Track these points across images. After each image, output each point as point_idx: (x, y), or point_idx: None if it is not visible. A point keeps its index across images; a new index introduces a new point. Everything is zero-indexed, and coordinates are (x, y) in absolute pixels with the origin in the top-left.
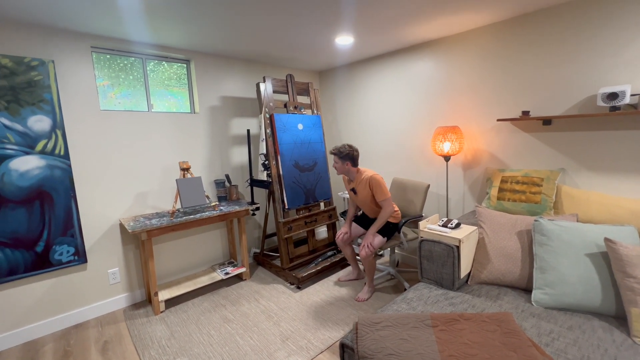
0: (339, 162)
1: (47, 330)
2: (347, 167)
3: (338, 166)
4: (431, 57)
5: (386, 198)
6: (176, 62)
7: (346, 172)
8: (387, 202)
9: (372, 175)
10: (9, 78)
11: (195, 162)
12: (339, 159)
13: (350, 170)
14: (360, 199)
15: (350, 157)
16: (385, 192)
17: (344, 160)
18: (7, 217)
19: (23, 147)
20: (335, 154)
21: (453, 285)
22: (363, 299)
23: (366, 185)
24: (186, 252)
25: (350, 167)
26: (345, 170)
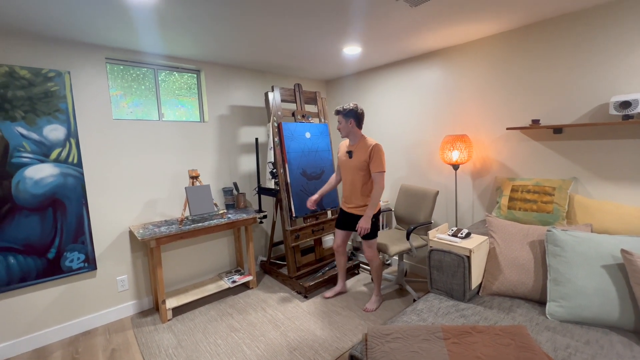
0: (342, 121)
1: (56, 337)
2: (350, 126)
3: (342, 126)
4: (439, 65)
5: (381, 171)
6: (187, 72)
7: (349, 133)
8: (381, 176)
9: (377, 144)
10: (27, 89)
11: (204, 170)
12: (342, 118)
13: (354, 130)
14: (351, 165)
15: (354, 114)
16: (383, 164)
17: (348, 117)
18: (21, 224)
19: (38, 156)
20: (340, 112)
21: (464, 296)
22: (371, 309)
23: (367, 150)
24: (193, 260)
25: (354, 126)
26: (349, 130)
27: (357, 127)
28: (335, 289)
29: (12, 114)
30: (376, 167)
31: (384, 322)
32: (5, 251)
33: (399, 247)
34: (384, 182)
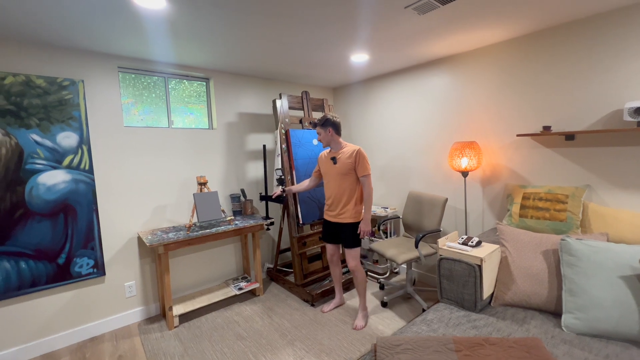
0: (321, 131)
1: (65, 342)
2: (330, 134)
3: (322, 136)
4: (447, 72)
5: (368, 174)
6: (196, 81)
7: (330, 141)
8: (369, 178)
9: (360, 148)
10: (42, 97)
11: (212, 177)
12: (321, 128)
13: (334, 138)
14: (337, 171)
15: (332, 123)
16: (368, 167)
17: (326, 127)
18: (33, 229)
19: (51, 162)
20: (317, 124)
21: (475, 306)
22: (361, 327)
23: (351, 155)
24: (200, 266)
25: (334, 134)
26: (329, 139)
27: (336, 135)
28: (334, 301)
29: (28, 122)
30: (363, 171)
31: (393, 332)
32: (17, 256)
33: (408, 255)
34: (371, 185)
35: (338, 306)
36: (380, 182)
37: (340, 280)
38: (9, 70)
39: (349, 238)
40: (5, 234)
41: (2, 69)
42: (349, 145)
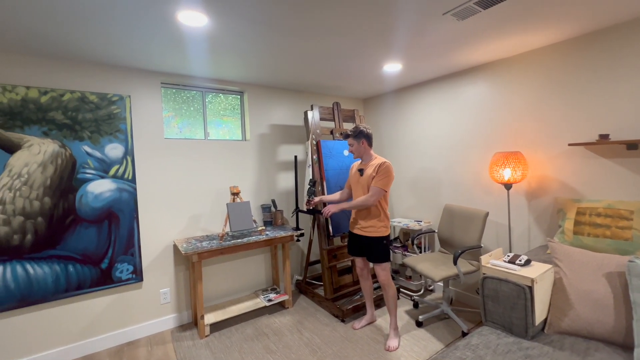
0: (354, 142)
1: (104, 345)
2: (363, 146)
3: (354, 148)
4: (487, 80)
5: (380, 188)
6: (231, 94)
7: (363, 153)
8: (378, 192)
9: (386, 162)
10: (94, 112)
11: (244, 187)
12: (353, 139)
13: (366, 150)
14: (362, 183)
15: (365, 134)
16: (385, 182)
17: (359, 138)
18: (81, 235)
19: (99, 172)
20: (349, 135)
21: (526, 332)
22: (394, 348)
23: (376, 166)
24: (231, 276)
25: (366, 145)
26: (362, 151)
27: (368, 147)
28: (365, 318)
29: (81, 134)
30: (377, 181)
31: (430, 355)
32: (66, 260)
33: (445, 272)
34: (374, 200)
35: (369, 323)
36: (411, 194)
37: (371, 295)
38: (67, 88)
39: (376, 253)
40: (57, 238)
41: (62, 87)
42: (378, 158)
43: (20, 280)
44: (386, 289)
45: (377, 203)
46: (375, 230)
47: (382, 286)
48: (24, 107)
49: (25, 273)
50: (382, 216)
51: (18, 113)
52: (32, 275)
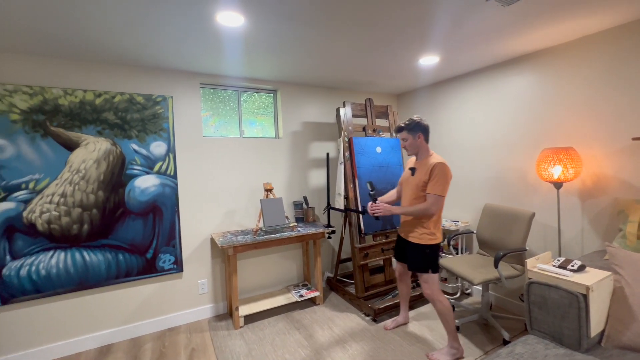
0: (409, 137)
1: (148, 330)
2: (419, 140)
3: (409, 143)
4: (534, 70)
5: (437, 194)
6: (265, 93)
7: (419, 149)
8: (436, 201)
9: (441, 162)
10: (141, 112)
11: (277, 184)
12: (408, 133)
13: (422, 145)
14: (412, 183)
15: (422, 127)
16: (443, 187)
17: (414, 132)
18: (129, 226)
19: (145, 168)
20: (403, 128)
21: (579, 345)
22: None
23: (429, 169)
24: (264, 270)
25: (423, 140)
26: (417, 146)
27: (425, 142)
28: (397, 319)
29: (129, 133)
30: (433, 188)
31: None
32: (117, 249)
33: (485, 275)
34: (436, 209)
35: (401, 325)
36: (448, 193)
37: (406, 297)
38: (117, 90)
39: (413, 260)
40: (109, 229)
41: (113, 89)
42: (433, 157)
43: (78, 266)
44: (434, 304)
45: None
46: (417, 237)
47: (431, 301)
48: (82, 108)
49: (82, 260)
50: (427, 222)
51: (77, 114)
52: (88, 262)
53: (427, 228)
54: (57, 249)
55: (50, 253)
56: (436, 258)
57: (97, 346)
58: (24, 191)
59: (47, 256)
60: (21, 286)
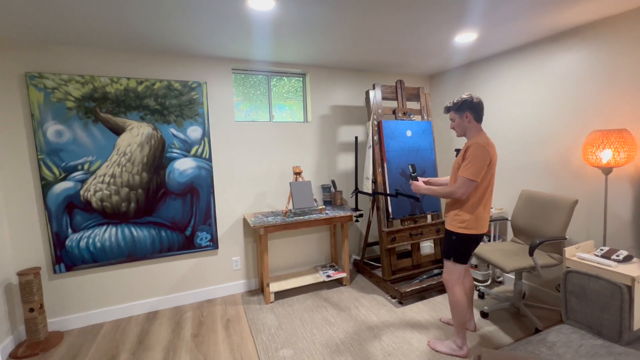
0: (456, 117)
1: (188, 300)
2: (467, 120)
3: (456, 123)
4: (584, 45)
5: (466, 177)
6: (294, 77)
7: (467, 130)
8: (463, 184)
9: (477, 143)
10: (178, 98)
11: (305, 167)
12: (455, 114)
13: (471, 126)
14: (454, 166)
15: (470, 105)
16: (473, 170)
17: (461, 111)
18: (170, 205)
19: (183, 151)
20: (451, 108)
21: (620, 337)
22: (434, 348)
23: (465, 150)
24: (293, 250)
25: (472, 120)
26: (465, 127)
27: (475, 122)
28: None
29: (168, 119)
30: (463, 171)
31: (496, 348)
32: (160, 226)
33: (518, 263)
34: (462, 192)
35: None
36: None
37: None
38: (157, 77)
39: (444, 246)
40: (152, 207)
41: (153, 77)
42: (476, 137)
43: (127, 240)
44: (448, 292)
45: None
46: (449, 222)
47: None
48: (126, 95)
49: (131, 235)
50: (462, 210)
51: (122, 101)
52: (135, 237)
53: (459, 215)
54: (109, 224)
55: (104, 228)
56: (463, 249)
57: (145, 312)
58: (80, 172)
59: (101, 230)
60: (81, 256)
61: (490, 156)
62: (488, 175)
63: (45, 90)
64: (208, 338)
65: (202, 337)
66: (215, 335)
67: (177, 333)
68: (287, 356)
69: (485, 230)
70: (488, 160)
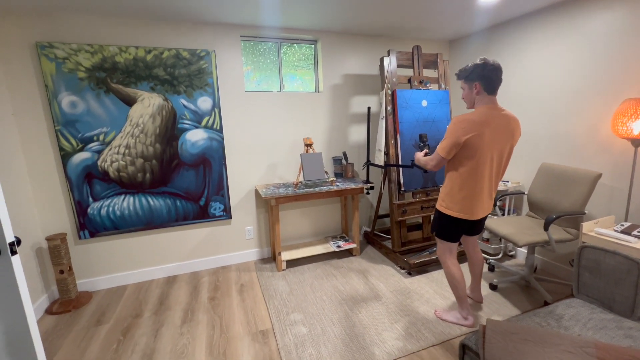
0: (465, 86)
1: (205, 266)
2: (475, 92)
3: (465, 94)
4: (626, 2)
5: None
6: (305, 44)
7: (474, 102)
8: (434, 157)
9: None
10: (187, 67)
11: (316, 139)
12: (464, 82)
13: (479, 97)
14: None
15: (480, 74)
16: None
17: (471, 81)
18: (184, 176)
19: (194, 123)
20: (459, 76)
21: (632, 312)
22: (440, 316)
23: None
24: (304, 221)
25: (482, 91)
26: (473, 98)
27: (485, 93)
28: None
29: (178, 89)
30: (439, 144)
31: (503, 319)
32: (175, 196)
33: (532, 237)
34: (432, 165)
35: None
36: None
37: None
38: (165, 46)
39: (432, 220)
40: (167, 178)
41: (161, 45)
42: (476, 110)
43: (145, 209)
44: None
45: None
46: (439, 200)
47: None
48: (136, 65)
49: (148, 204)
50: (452, 186)
51: (132, 71)
52: (152, 206)
53: (441, 193)
54: (127, 194)
55: (122, 197)
56: (445, 228)
57: (165, 276)
58: (96, 143)
59: (120, 199)
60: (103, 223)
61: (462, 135)
62: (467, 154)
63: (57, 61)
64: (223, 301)
65: (217, 301)
66: (230, 299)
67: (195, 296)
68: (298, 320)
69: (467, 217)
70: (459, 138)
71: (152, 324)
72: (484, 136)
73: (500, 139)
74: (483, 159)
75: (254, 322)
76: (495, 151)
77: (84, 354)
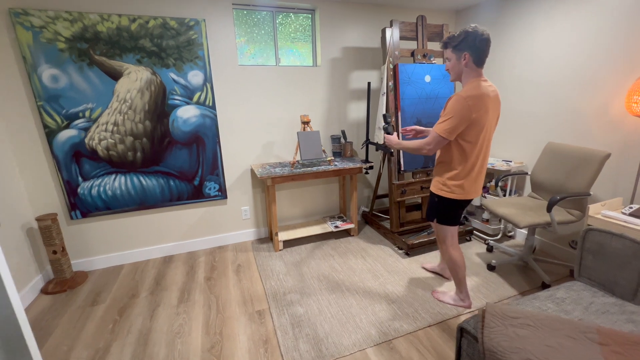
0: (452, 57)
1: (201, 246)
2: (463, 63)
3: (451, 64)
4: None
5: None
6: (302, 13)
7: (461, 74)
8: (434, 139)
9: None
10: (175, 38)
11: (314, 116)
12: (452, 52)
13: (469, 70)
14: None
15: (472, 44)
16: (446, 126)
17: (460, 50)
18: (176, 155)
19: (185, 98)
20: (446, 45)
21: (635, 296)
22: (437, 297)
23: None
24: (301, 201)
25: (470, 62)
26: (459, 71)
27: (473, 65)
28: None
29: (167, 62)
30: (437, 125)
31: (499, 299)
32: (168, 175)
33: (533, 218)
34: (430, 149)
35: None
36: (501, 129)
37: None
38: (150, 14)
39: (428, 208)
40: (159, 157)
41: (146, 13)
42: (469, 85)
43: (137, 189)
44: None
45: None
46: (433, 183)
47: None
48: (119, 35)
49: (140, 183)
50: (447, 167)
51: (116, 42)
52: (145, 186)
53: (441, 177)
54: (118, 173)
55: (113, 177)
56: (448, 212)
57: (162, 256)
58: (82, 119)
59: (111, 179)
60: (94, 203)
61: (472, 112)
62: (472, 132)
63: (33, 30)
64: (220, 281)
65: (214, 281)
66: (227, 279)
67: (191, 276)
68: (295, 300)
69: (471, 197)
70: (469, 117)
71: (149, 303)
72: (488, 111)
73: (494, 114)
74: (487, 134)
75: (251, 302)
76: (492, 126)
77: (80, 334)
